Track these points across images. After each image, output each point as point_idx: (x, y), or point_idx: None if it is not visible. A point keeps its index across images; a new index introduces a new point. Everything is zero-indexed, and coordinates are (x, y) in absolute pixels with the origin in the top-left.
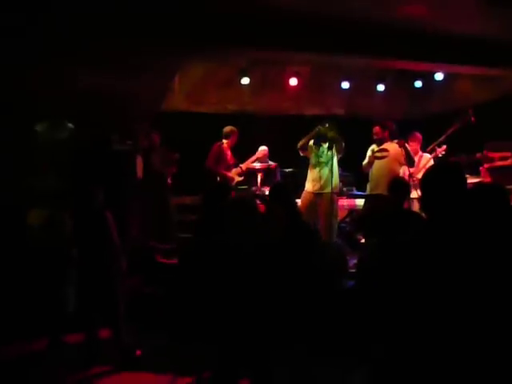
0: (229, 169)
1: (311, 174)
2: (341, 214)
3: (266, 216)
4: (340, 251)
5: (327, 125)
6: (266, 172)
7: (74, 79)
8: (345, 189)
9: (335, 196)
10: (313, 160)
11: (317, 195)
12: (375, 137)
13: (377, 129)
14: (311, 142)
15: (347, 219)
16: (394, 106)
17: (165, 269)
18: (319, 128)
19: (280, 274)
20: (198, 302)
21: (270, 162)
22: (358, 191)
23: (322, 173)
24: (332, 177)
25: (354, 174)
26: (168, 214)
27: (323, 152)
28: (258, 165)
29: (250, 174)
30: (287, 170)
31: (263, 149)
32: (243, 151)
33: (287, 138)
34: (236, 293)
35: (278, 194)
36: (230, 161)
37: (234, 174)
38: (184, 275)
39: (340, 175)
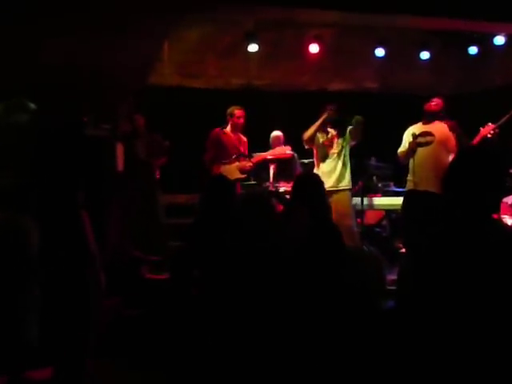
0: (230, 162)
1: (320, 170)
2: (375, 216)
3: (284, 219)
4: (376, 262)
5: (334, 108)
6: (281, 163)
7: (36, 49)
8: (380, 184)
9: (350, 193)
10: (321, 152)
11: (329, 194)
12: (427, 109)
13: (436, 102)
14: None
15: (383, 222)
16: (441, 79)
17: (152, 286)
18: (328, 111)
19: (301, 295)
20: (203, 332)
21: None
22: (397, 187)
23: (334, 166)
24: (346, 170)
25: (391, 165)
26: (156, 216)
27: (333, 140)
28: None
29: (260, 167)
30: (307, 161)
31: (276, 135)
32: (250, 138)
33: (306, 119)
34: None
35: (301, 189)
36: (231, 151)
37: (235, 170)
38: (178, 295)
39: (373, 167)
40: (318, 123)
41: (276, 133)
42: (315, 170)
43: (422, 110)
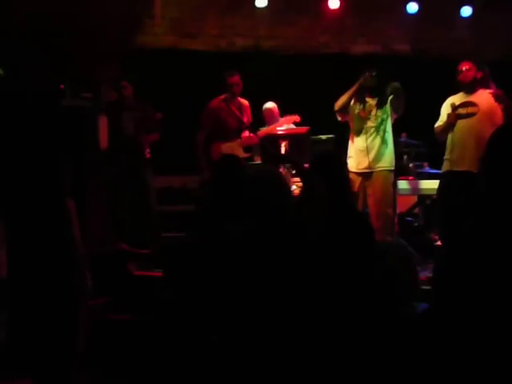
0: (231, 138)
1: (354, 147)
2: (405, 203)
3: (301, 196)
4: (406, 257)
5: (374, 73)
6: (293, 140)
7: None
8: (411, 165)
9: (392, 175)
10: (356, 125)
11: (364, 176)
12: (462, 80)
13: (467, 67)
14: (352, 100)
15: (416, 210)
16: (486, 40)
17: (142, 285)
18: (365, 76)
19: (319, 288)
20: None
21: (292, 126)
22: (432, 169)
23: (371, 143)
24: (386, 148)
25: (425, 142)
26: (146, 202)
27: (371, 112)
28: (281, 129)
29: (267, 143)
30: (325, 137)
31: (269, 107)
32: (258, 110)
33: (324, 88)
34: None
35: (322, 166)
36: (232, 126)
37: (238, 148)
38: (177, 293)
39: (404, 145)
40: (352, 90)
41: (269, 105)
42: (349, 147)
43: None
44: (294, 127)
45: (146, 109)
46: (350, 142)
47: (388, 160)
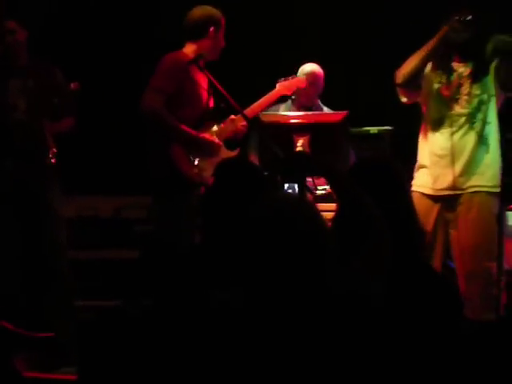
0: (203, 120)
1: (429, 149)
2: None
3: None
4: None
5: (468, 18)
6: (316, 131)
7: None
8: None
9: (496, 202)
10: (435, 110)
11: (445, 202)
12: None
13: None
14: (428, 67)
15: None
16: None
17: None
18: (452, 23)
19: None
20: None
21: (326, 109)
22: None
23: (460, 142)
24: (487, 152)
25: None
26: (50, 246)
27: (461, 88)
28: (295, 114)
29: (276, 136)
30: (376, 130)
31: (309, 71)
32: (248, 79)
33: (375, 41)
34: None
35: (373, 182)
36: (203, 100)
37: (214, 134)
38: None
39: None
40: (428, 47)
41: (311, 67)
42: (420, 149)
43: None
44: (323, 111)
45: (50, 73)
46: (420, 139)
47: (489, 174)
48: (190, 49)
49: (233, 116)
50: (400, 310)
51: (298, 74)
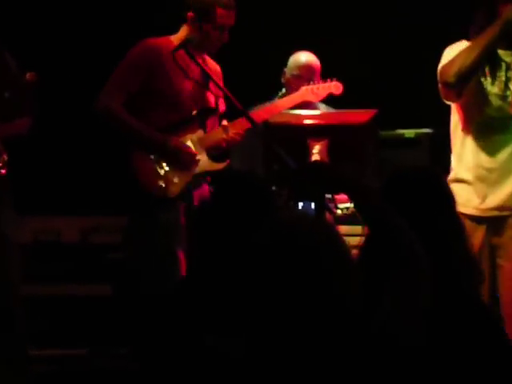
0: (182, 127)
1: (472, 161)
2: None
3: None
4: None
5: None
6: (336, 136)
7: None
8: None
9: None
10: (476, 114)
11: (491, 224)
12: None
13: None
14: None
15: None
16: None
17: None
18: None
19: None
20: None
21: (322, 107)
22: None
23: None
24: None
25: None
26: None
27: (508, 83)
28: (310, 114)
29: (286, 142)
30: (413, 134)
31: (304, 62)
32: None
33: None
34: None
35: (413, 200)
36: (186, 98)
37: (195, 141)
38: None
39: None
40: (489, 34)
41: (305, 57)
42: (458, 159)
43: None
44: (340, 110)
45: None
46: (458, 148)
47: None
48: (181, 33)
49: (225, 121)
50: (443, 355)
51: (289, 64)
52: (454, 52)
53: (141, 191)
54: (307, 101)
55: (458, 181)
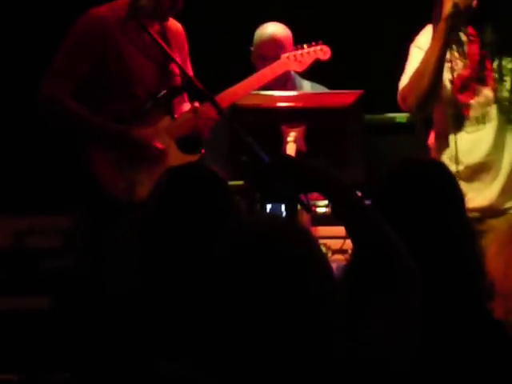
0: (147, 109)
1: (450, 155)
2: None
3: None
4: None
5: None
6: (319, 124)
7: None
8: None
9: None
10: (451, 114)
11: (479, 223)
12: None
13: None
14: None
15: None
16: None
17: None
18: None
19: None
20: None
21: (306, 85)
22: None
23: (495, 143)
24: None
25: None
26: None
27: (483, 63)
28: (284, 95)
29: (255, 128)
30: (404, 118)
31: (270, 35)
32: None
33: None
34: None
35: (413, 200)
36: (145, 81)
37: (164, 141)
38: None
39: None
40: (436, 44)
41: (273, 29)
42: (437, 156)
43: None
44: (301, 89)
45: None
46: (436, 144)
47: None
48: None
49: (197, 104)
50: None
51: (254, 41)
52: (416, 55)
53: (101, 194)
54: (290, 70)
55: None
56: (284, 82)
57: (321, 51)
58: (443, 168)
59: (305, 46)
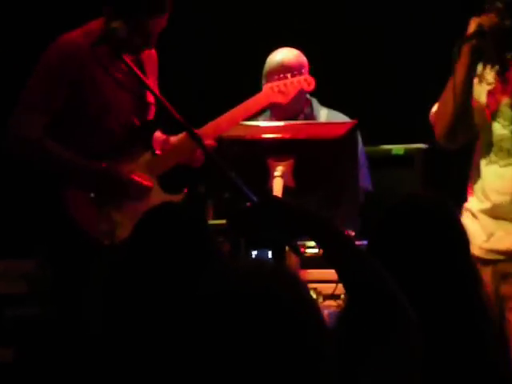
0: (126, 143)
1: (482, 186)
2: None
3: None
4: None
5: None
6: (304, 155)
7: None
8: None
9: None
10: (486, 132)
11: (500, 268)
12: None
13: None
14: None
15: None
16: None
17: None
18: (489, 8)
19: None
20: None
21: (324, 114)
22: None
23: None
24: None
25: None
26: None
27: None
28: (271, 125)
29: (240, 163)
30: (402, 150)
31: (279, 62)
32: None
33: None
34: None
35: (414, 244)
36: (126, 106)
37: (144, 167)
38: None
39: None
40: (461, 70)
41: (283, 55)
42: (473, 185)
43: None
44: (339, 118)
45: None
46: (473, 172)
47: None
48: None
49: (184, 134)
50: None
51: (265, 68)
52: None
53: (78, 237)
54: (274, 102)
55: (467, 210)
56: (301, 108)
57: (305, 81)
58: (448, 207)
59: (288, 75)
